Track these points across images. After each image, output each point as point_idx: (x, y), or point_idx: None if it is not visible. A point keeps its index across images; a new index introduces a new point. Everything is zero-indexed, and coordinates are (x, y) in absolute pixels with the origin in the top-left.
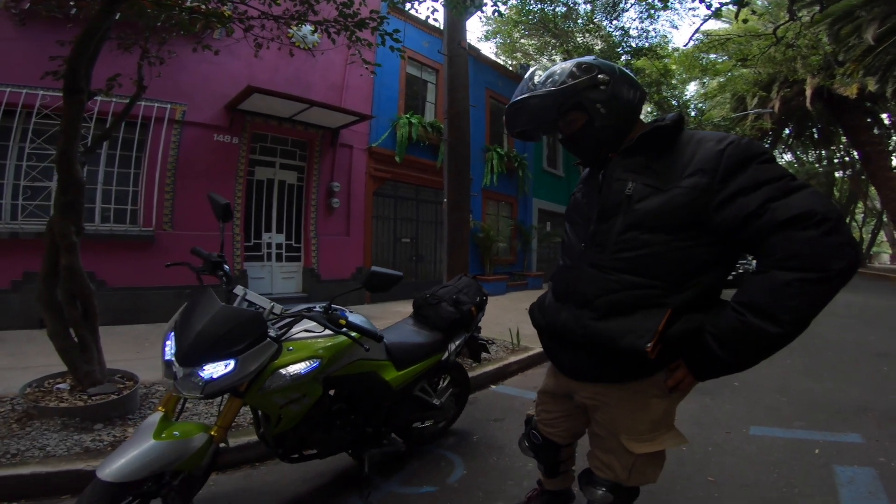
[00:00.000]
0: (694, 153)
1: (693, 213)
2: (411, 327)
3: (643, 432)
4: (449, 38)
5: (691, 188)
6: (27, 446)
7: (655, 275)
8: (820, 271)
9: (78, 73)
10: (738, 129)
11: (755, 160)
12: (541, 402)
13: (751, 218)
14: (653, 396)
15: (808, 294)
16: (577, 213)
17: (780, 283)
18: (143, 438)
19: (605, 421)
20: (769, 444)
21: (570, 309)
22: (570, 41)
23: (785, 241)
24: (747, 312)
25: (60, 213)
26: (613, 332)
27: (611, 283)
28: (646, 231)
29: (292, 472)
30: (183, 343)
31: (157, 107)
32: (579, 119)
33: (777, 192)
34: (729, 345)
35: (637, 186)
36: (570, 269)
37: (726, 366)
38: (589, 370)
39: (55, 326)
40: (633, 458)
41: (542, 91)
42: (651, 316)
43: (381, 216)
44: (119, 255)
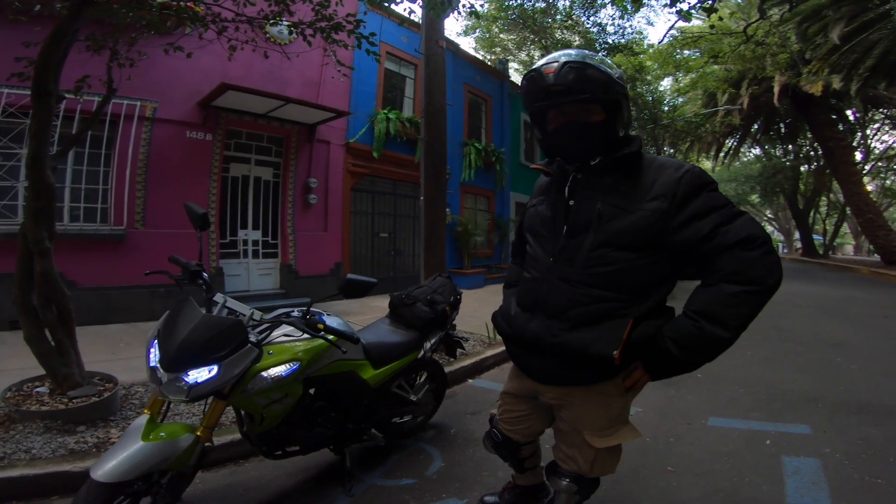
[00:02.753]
0: (656, 178)
1: (655, 233)
2: (388, 327)
3: (604, 428)
4: (427, 37)
5: (654, 211)
6: (13, 449)
7: (620, 289)
8: (760, 284)
9: (46, 77)
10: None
11: (705, 189)
12: (504, 403)
13: (704, 240)
14: (613, 396)
15: (750, 303)
16: (542, 226)
17: (728, 294)
18: (131, 440)
19: (570, 418)
20: (725, 434)
21: (540, 319)
22: (549, 37)
23: (732, 260)
24: (702, 320)
25: (33, 218)
26: (584, 341)
27: (581, 296)
28: (615, 249)
29: (277, 468)
30: (167, 350)
31: (127, 104)
32: (599, 114)
33: (724, 218)
34: (687, 348)
35: (606, 206)
36: (539, 281)
37: (682, 366)
38: (557, 375)
39: (32, 331)
40: (594, 451)
41: (604, 69)
42: (616, 326)
43: (358, 211)
44: (90, 255)
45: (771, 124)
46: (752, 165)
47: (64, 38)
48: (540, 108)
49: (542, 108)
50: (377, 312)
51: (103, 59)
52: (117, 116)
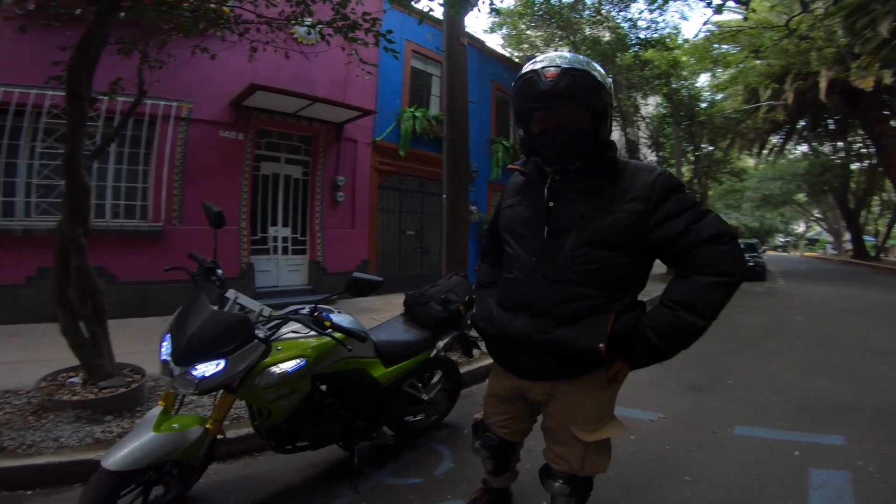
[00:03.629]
0: (632, 182)
1: (633, 232)
2: (401, 325)
3: (591, 422)
4: (448, 35)
5: (631, 212)
6: (42, 437)
7: (602, 286)
8: (729, 275)
9: (79, 80)
10: (751, 121)
11: (676, 191)
12: (490, 406)
13: (679, 237)
14: (598, 388)
15: (722, 293)
16: (522, 226)
17: (702, 285)
18: (143, 431)
19: (557, 413)
20: (751, 444)
21: (524, 318)
22: (578, 33)
23: (705, 254)
24: (679, 309)
25: (69, 216)
26: (570, 336)
27: (565, 294)
28: (596, 248)
29: (288, 462)
30: (178, 344)
31: (164, 105)
32: (586, 121)
33: (694, 217)
34: (666, 336)
35: (588, 208)
36: (522, 281)
37: (661, 353)
38: (543, 370)
39: (67, 323)
40: (583, 447)
41: (595, 75)
42: (600, 321)
43: (385, 209)
44: (129, 250)
45: (819, 120)
46: (798, 163)
47: (93, 43)
48: (530, 109)
49: (531, 108)
50: (401, 310)
51: (135, 62)
52: (155, 117)
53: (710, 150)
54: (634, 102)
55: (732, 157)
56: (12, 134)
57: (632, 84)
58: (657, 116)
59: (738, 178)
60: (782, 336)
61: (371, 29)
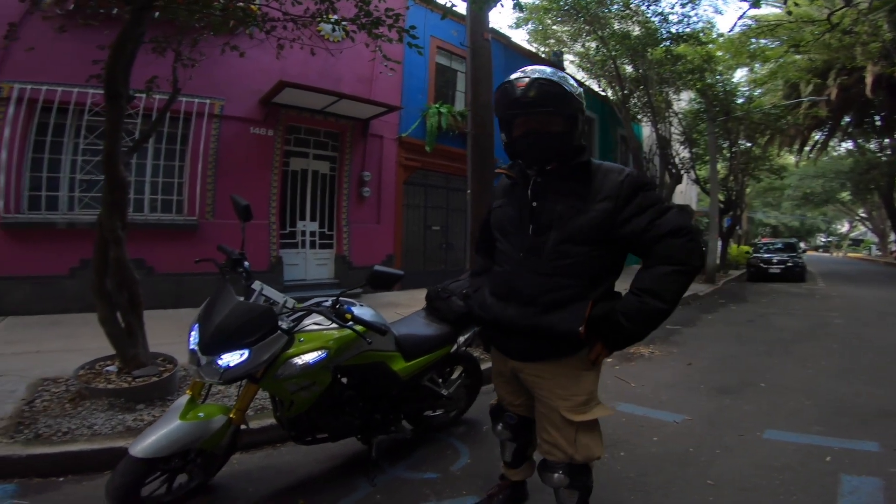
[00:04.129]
0: (603, 182)
1: (604, 229)
2: (422, 320)
3: (578, 403)
4: (472, 30)
5: (603, 210)
6: (77, 425)
7: (581, 277)
8: (686, 265)
9: (116, 78)
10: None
11: (642, 190)
12: (499, 386)
13: (643, 231)
14: (581, 369)
15: (679, 281)
16: (509, 225)
17: (662, 273)
18: (170, 419)
19: (546, 394)
20: (780, 448)
21: (514, 306)
22: (606, 27)
23: (665, 247)
24: (644, 295)
25: (108, 210)
26: (554, 321)
27: (549, 284)
28: (574, 244)
29: (308, 454)
30: (204, 334)
31: (198, 102)
32: (559, 125)
33: (657, 214)
34: (634, 319)
35: (565, 208)
36: (511, 274)
37: (631, 335)
38: (531, 352)
39: (105, 313)
40: (574, 429)
41: (563, 85)
42: (580, 308)
43: (411, 204)
44: (166, 243)
45: (864, 117)
46: (842, 160)
47: (129, 42)
48: (509, 116)
49: (511, 115)
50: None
51: (170, 60)
52: (190, 114)
53: (747, 146)
54: (666, 98)
55: (772, 154)
56: (56, 131)
57: (663, 79)
58: (690, 112)
59: (777, 176)
60: (820, 339)
61: (394, 25)
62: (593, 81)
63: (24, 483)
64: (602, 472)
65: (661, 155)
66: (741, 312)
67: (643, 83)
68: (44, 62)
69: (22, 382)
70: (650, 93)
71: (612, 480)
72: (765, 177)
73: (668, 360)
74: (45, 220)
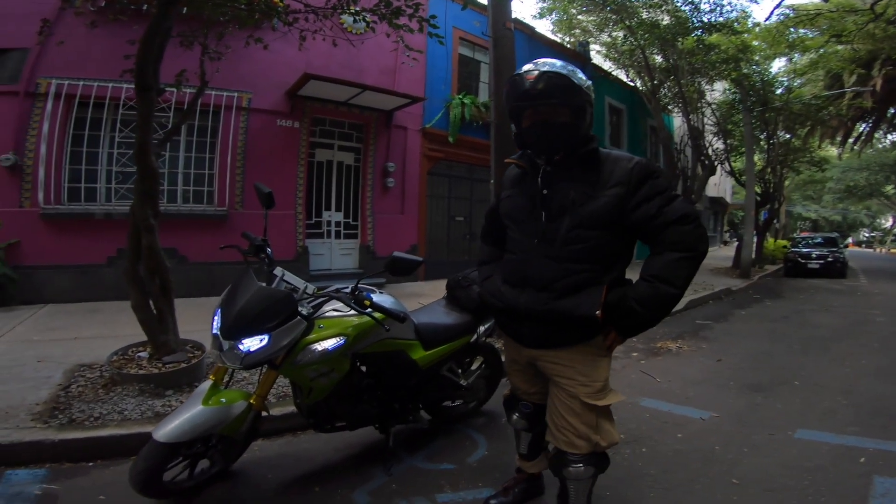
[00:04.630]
0: (613, 169)
1: (616, 214)
2: (443, 308)
3: (598, 389)
4: (494, 20)
5: (614, 196)
6: (108, 410)
7: (594, 260)
8: (694, 251)
9: (146, 72)
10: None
11: (651, 177)
12: (513, 375)
13: (653, 218)
14: (597, 356)
15: (688, 266)
16: (521, 213)
17: (672, 260)
18: (193, 404)
19: (566, 382)
20: (812, 448)
21: (529, 293)
22: (634, 17)
23: (673, 233)
24: (656, 281)
25: (140, 199)
26: (570, 306)
27: (563, 269)
28: (587, 228)
29: (328, 441)
30: (226, 319)
31: (226, 95)
32: (566, 116)
33: (666, 201)
34: (646, 305)
35: (577, 194)
36: (525, 261)
37: (644, 321)
38: (546, 338)
39: (138, 300)
40: (595, 414)
41: (571, 77)
42: (595, 292)
43: (435, 195)
44: (198, 233)
45: None
46: (888, 153)
47: (156, 36)
48: (519, 108)
49: (520, 107)
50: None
51: (198, 54)
52: (219, 107)
53: (786, 137)
54: (698, 88)
55: (812, 146)
56: (93, 125)
57: (695, 69)
58: (725, 102)
59: (818, 168)
60: (859, 337)
61: (415, 14)
62: (621, 71)
63: (56, 468)
64: (622, 468)
65: (693, 146)
66: (776, 308)
67: (674, 73)
68: (80, 58)
69: (59, 368)
70: (681, 83)
71: (632, 477)
72: (805, 169)
73: (696, 356)
74: (84, 211)
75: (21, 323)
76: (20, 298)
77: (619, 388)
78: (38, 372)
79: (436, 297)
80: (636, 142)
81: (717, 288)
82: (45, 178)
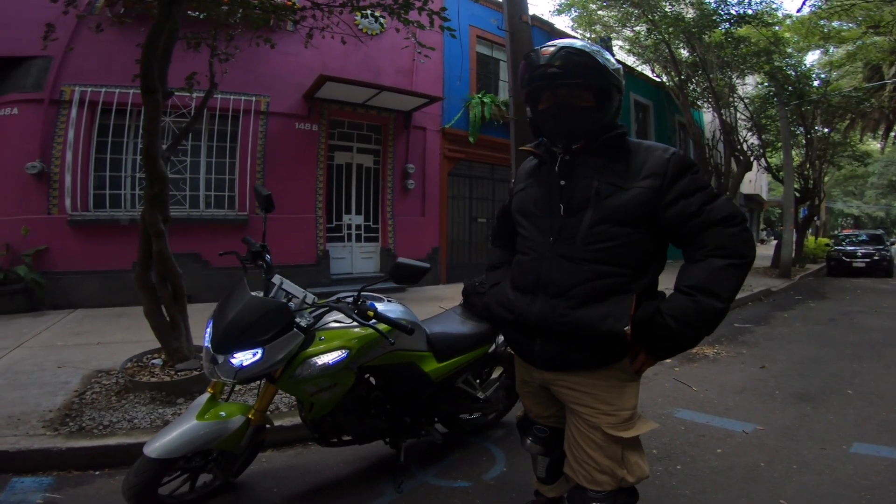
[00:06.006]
0: (645, 159)
1: (649, 209)
2: (458, 317)
3: (624, 419)
4: (509, 13)
5: (647, 188)
6: (119, 418)
7: (622, 263)
8: (742, 257)
9: (150, 74)
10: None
11: (690, 171)
12: (525, 397)
13: (693, 216)
14: (624, 381)
15: (735, 275)
16: (535, 206)
17: (717, 267)
18: (187, 418)
19: (585, 411)
20: (869, 464)
21: (543, 300)
22: (657, 10)
23: (717, 236)
24: (697, 294)
25: (149, 204)
26: (592, 318)
27: (584, 272)
28: (614, 224)
29: (337, 454)
30: (216, 331)
31: (245, 99)
32: (589, 101)
33: (708, 198)
34: (686, 322)
35: (602, 185)
36: (539, 261)
37: (681, 341)
38: (562, 360)
39: (150, 306)
40: (620, 446)
41: (594, 55)
42: (622, 301)
43: (456, 196)
44: (219, 238)
45: None
46: None
47: (160, 38)
48: (535, 89)
49: (536, 88)
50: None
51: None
52: (238, 111)
53: (825, 132)
54: (729, 82)
55: (853, 140)
56: (116, 131)
57: (724, 63)
58: (758, 96)
59: (860, 163)
60: None
61: (424, 8)
62: (646, 67)
63: (62, 476)
64: (653, 487)
65: (725, 141)
66: (821, 310)
67: (702, 67)
68: (101, 65)
69: (78, 374)
70: (710, 77)
71: (663, 497)
72: (846, 164)
73: (736, 362)
74: (109, 217)
75: (48, 328)
76: (49, 303)
77: (651, 397)
78: (56, 377)
79: (457, 301)
80: (664, 138)
81: (756, 289)
82: (72, 185)
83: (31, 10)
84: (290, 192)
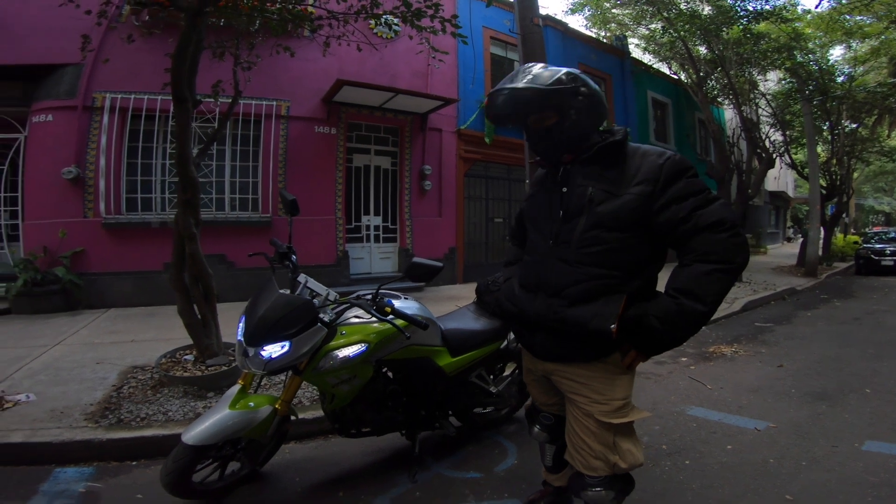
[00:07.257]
0: (640, 165)
1: (641, 215)
2: (471, 314)
3: (616, 408)
4: (521, 16)
5: (639, 194)
6: (154, 411)
7: (613, 266)
8: (728, 263)
9: (180, 83)
10: None
11: (685, 175)
12: (529, 385)
13: (683, 221)
14: (615, 374)
15: (721, 280)
16: (538, 212)
17: (702, 272)
18: (221, 408)
19: (580, 400)
20: (880, 462)
21: (542, 298)
22: (671, 8)
23: (704, 241)
24: (681, 297)
25: (182, 209)
26: (583, 316)
27: (578, 274)
28: (605, 230)
29: (356, 445)
30: (249, 325)
31: (266, 104)
32: (552, 118)
33: (700, 203)
34: (669, 323)
35: (595, 192)
36: (540, 263)
37: (667, 341)
38: (556, 351)
39: (183, 305)
40: (611, 433)
41: (531, 86)
42: (612, 301)
43: (472, 197)
44: (244, 239)
45: None
46: None
47: (188, 48)
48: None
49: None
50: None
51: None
52: (259, 116)
53: (852, 127)
54: (750, 79)
55: (881, 135)
56: (146, 137)
57: (744, 59)
58: (780, 93)
59: (889, 158)
60: None
61: (436, 15)
62: (663, 64)
63: (103, 466)
64: (660, 481)
65: (747, 138)
66: (846, 309)
67: (720, 64)
68: (131, 72)
69: (115, 370)
70: (730, 74)
71: (670, 491)
72: (875, 159)
73: (754, 361)
74: (141, 220)
75: (85, 326)
76: (86, 303)
77: (665, 395)
78: (95, 373)
79: (471, 298)
80: (683, 136)
81: (780, 287)
82: (106, 189)
83: (62, 18)
84: (311, 195)
